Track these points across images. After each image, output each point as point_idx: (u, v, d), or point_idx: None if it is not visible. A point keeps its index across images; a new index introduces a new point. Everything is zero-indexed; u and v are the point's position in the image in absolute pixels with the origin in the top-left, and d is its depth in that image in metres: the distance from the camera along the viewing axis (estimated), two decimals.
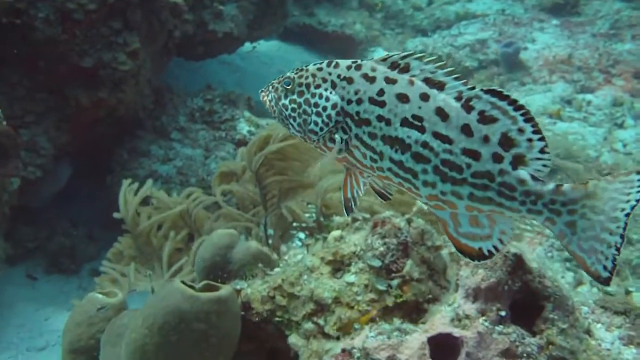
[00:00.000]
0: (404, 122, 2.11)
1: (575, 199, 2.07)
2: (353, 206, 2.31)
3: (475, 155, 2.08)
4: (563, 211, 2.08)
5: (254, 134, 8.26)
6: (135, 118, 7.98)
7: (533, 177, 2.09)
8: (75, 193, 7.78)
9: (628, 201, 2.06)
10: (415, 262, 3.18)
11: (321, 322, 3.21)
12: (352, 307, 3.15)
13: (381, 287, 3.14)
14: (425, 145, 2.10)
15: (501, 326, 2.91)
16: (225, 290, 3.24)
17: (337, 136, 2.22)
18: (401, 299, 3.13)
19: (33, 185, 6.89)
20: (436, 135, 2.08)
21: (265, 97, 2.39)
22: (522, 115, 2.03)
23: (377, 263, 3.17)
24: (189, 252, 5.21)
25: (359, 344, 2.94)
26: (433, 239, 3.27)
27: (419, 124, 2.09)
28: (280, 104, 2.32)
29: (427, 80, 2.10)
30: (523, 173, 2.08)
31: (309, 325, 3.23)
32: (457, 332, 2.90)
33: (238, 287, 3.46)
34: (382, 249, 3.16)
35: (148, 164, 7.70)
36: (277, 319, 3.35)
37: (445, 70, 2.10)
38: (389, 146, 2.14)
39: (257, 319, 3.40)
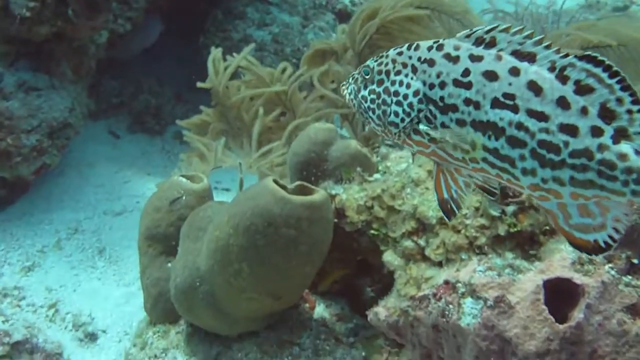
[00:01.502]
0: (495, 103, 1.80)
1: None
2: (455, 209, 1.99)
3: (573, 130, 1.74)
4: None
5: (356, 4, 7.77)
6: None
7: (637, 152, 1.73)
8: (164, 51, 7.47)
9: None
10: None
11: (422, 242, 2.92)
12: (458, 232, 2.83)
13: (494, 213, 2.79)
14: (520, 126, 1.78)
15: (630, 277, 2.55)
16: (319, 194, 2.95)
17: (421, 126, 1.92)
18: (515, 229, 2.79)
19: (122, 39, 6.64)
20: (531, 113, 1.76)
21: (345, 91, 2.12)
22: (618, 82, 1.70)
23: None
24: (279, 131, 4.94)
25: (464, 277, 2.63)
26: None
27: (512, 102, 1.78)
28: (359, 96, 2.05)
29: (516, 53, 1.79)
30: (625, 147, 1.72)
31: (408, 244, 2.94)
32: (577, 278, 2.54)
33: (333, 192, 3.17)
34: None
35: (243, 28, 7.31)
36: (372, 231, 3.07)
37: (535, 39, 1.77)
38: (481, 132, 1.83)
39: (350, 229, 3.13)
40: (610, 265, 2.55)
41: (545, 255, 2.70)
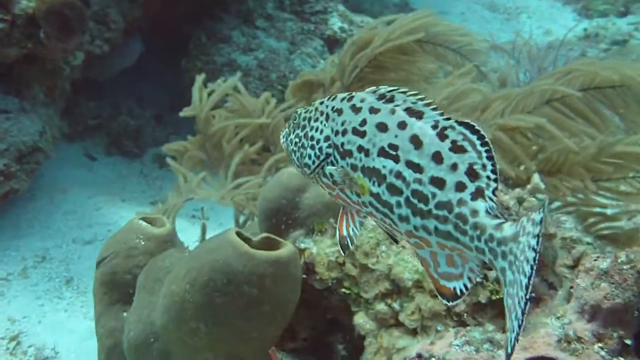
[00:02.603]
0: (381, 152, 1.95)
1: (505, 239, 1.74)
2: (350, 245, 2.11)
3: (441, 183, 1.86)
4: (498, 252, 1.76)
5: (345, 31, 7.59)
6: None
7: (488, 212, 1.80)
8: (145, 72, 7.28)
9: (533, 250, 1.67)
10: None
11: (396, 306, 2.69)
12: (435, 296, 2.61)
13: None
14: (398, 175, 1.92)
15: (622, 359, 2.32)
16: (286, 249, 2.72)
17: (327, 169, 2.07)
18: (497, 296, 2.57)
19: (99, 60, 6.46)
20: (409, 164, 1.91)
21: (282, 136, 2.31)
22: (486, 152, 1.83)
23: None
24: (263, 161, 4.74)
25: (439, 352, 2.40)
26: (546, 225, 2.67)
27: (394, 153, 1.93)
28: (288, 139, 2.25)
29: (408, 110, 1.95)
30: (479, 205, 1.82)
31: (381, 307, 2.72)
32: (564, 358, 2.32)
33: (302, 245, 2.93)
34: None
35: (227, 52, 7.10)
36: (344, 290, 2.84)
37: (426, 101, 1.94)
38: (368, 178, 1.98)
39: (320, 287, 2.89)
40: (600, 344, 2.33)
41: (528, 328, 2.47)
